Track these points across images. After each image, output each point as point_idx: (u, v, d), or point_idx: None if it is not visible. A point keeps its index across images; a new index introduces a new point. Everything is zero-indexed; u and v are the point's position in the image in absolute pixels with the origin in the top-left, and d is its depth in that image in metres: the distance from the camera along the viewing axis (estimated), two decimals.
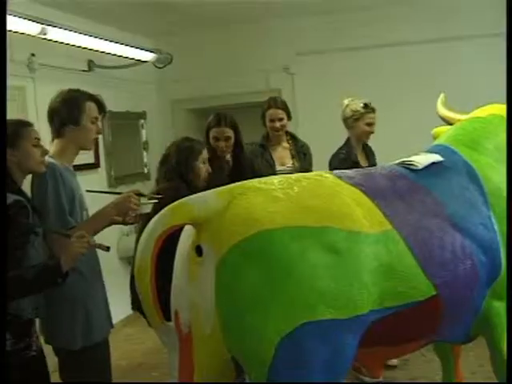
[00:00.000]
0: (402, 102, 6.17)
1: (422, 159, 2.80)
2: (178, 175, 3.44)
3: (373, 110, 4.53)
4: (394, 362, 4.54)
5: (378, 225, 2.35)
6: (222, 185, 2.44)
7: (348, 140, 4.55)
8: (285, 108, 4.62)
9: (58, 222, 2.82)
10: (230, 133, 4.05)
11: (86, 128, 3.03)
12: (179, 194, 2.53)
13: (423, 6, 6.43)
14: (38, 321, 2.90)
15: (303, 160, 4.60)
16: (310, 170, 4.41)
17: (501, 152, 2.82)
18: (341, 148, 4.54)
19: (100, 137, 6.09)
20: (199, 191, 2.52)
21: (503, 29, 3.19)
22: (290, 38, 6.82)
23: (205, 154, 3.56)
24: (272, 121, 4.58)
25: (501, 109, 3.04)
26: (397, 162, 2.87)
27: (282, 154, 4.64)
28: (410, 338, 2.57)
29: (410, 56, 6.48)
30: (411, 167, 2.73)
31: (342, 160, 4.36)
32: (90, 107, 3.04)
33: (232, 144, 4.08)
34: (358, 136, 4.54)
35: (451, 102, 3.55)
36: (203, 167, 3.51)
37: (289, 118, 4.66)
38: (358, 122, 4.49)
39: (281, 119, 4.58)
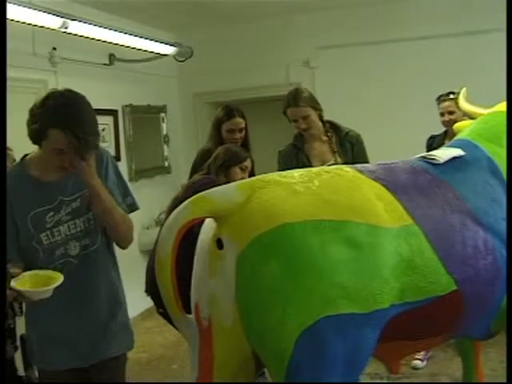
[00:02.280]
0: (424, 96, 6.11)
1: (444, 153, 2.77)
2: (216, 173, 3.52)
3: (444, 100, 4.89)
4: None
5: (398, 219, 2.33)
6: None
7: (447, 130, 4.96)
8: (308, 103, 3.86)
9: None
10: (243, 123, 4.07)
11: None
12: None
13: (447, 0, 6.39)
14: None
15: (350, 152, 3.88)
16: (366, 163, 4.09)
17: None
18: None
19: (121, 130, 6.15)
20: None
21: None
22: (311, 32, 6.81)
23: (248, 163, 3.61)
24: (295, 121, 3.89)
25: None
26: (418, 156, 2.85)
27: (322, 150, 3.93)
28: (429, 334, 2.55)
29: (432, 50, 6.43)
30: (433, 162, 2.70)
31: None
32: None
33: (244, 135, 4.10)
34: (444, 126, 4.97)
35: (473, 96, 3.53)
36: (240, 174, 3.54)
37: (317, 109, 3.90)
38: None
39: (305, 117, 3.85)
